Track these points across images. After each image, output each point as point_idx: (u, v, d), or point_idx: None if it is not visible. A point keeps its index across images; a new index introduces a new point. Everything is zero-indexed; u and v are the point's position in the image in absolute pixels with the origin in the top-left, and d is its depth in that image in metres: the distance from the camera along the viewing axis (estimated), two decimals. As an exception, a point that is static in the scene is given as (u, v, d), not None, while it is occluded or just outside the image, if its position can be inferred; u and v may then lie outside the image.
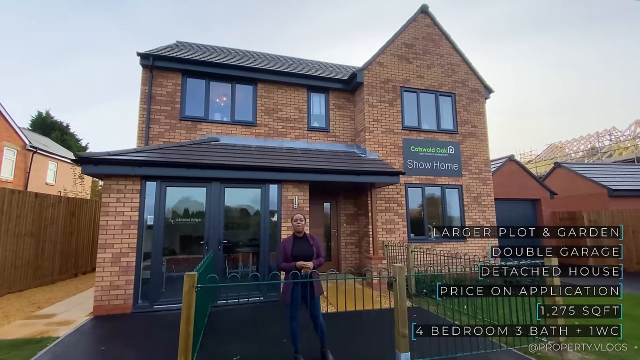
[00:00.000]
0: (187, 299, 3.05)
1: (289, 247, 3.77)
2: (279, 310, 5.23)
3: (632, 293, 7.01)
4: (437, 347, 3.73)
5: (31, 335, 4.43)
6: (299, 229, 3.89)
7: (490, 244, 9.07)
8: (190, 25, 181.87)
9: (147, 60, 7.68)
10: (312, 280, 3.70)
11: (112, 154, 5.80)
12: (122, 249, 5.67)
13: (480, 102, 9.85)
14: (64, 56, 73.48)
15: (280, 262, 3.74)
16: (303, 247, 3.85)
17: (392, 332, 3.52)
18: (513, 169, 11.80)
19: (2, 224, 6.76)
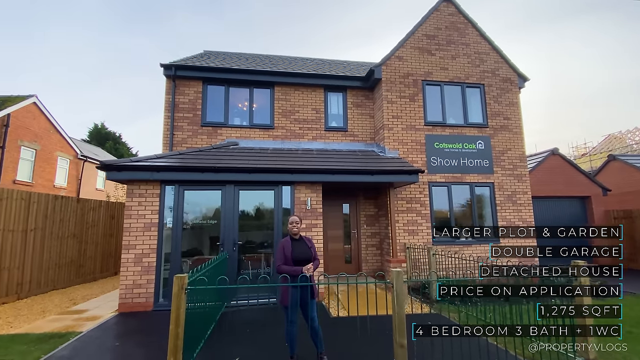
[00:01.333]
0: (177, 300, 3.10)
1: (289, 250, 3.69)
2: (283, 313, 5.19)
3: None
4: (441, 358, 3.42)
5: (58, 329, 4.81)
6: (294, 231, 3.81)
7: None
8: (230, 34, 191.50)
9: (170, 70, 8.08)
10: (312, 284, 3.62)
11: (133, 160, 6.15)
12: (143, 249, 5.98)
13: (513, 92, 9.06)
14: (115, 72, 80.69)
15: (280, 264, 3.64)
16: (302, 249, 3.77)
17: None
18: (557, 163, 10.71)
19: (47, 227, 7.48)
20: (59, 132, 14.35)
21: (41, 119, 13.40)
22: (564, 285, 3.61)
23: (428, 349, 3.82)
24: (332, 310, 5.80)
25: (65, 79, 77.77)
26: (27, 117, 12.65)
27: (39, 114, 13.31)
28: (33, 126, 12.95)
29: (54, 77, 79.98)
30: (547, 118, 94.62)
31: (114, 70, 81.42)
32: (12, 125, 11.80)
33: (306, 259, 3.71)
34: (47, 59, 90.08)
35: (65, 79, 77.88)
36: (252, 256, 6.45)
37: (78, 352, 4.03)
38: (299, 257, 3.68)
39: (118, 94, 67.49)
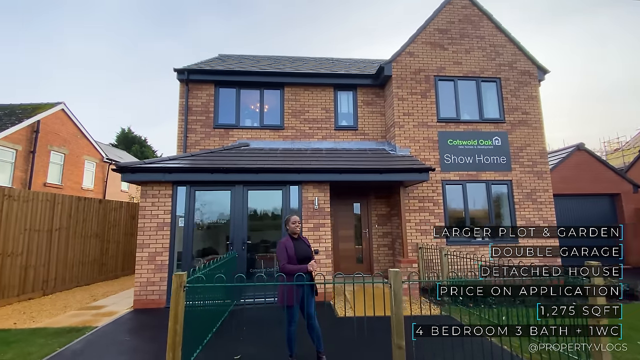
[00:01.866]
0: (175, 298, 3.17)
1: (292, 249, 3.69)
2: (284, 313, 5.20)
3: None
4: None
5: (76, 324, 5.05)
6: (296, 231, 3.82)
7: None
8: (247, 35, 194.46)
9: (183, 75, 8.32)
10: (314, 282, 3.63)
11: (146, 162, 6.37)
12: (156, 248, 6.18)
13: (532, 86, 8.65)
14: (143, 75, 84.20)
15: (284, 263, 3.61)
16: (303, 248, 3.79)
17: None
18: (583, 159, 10.13)
19: (71, 227, 7.88)
20: (86, 137, 15.11)
21: (69, 124, 14.17)
22: (576, 286, 3.42)
23: (429, 352, 3.72)
24: (339, 310, 5.77)
25: (98, 85, 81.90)
26: (56, 123, 13.41)
27: (67, 120, 14.07)
28: (62, 131, 13.72)
29: (87, 83, 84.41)
30: (576, 112, 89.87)
31: (142, 74, 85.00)
32: (41, 131, 12.55)
33: (307, 257, 3.74)
34: (79, 67, 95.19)
35: (97, 85, 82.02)
36: (260, 255, 6.52)
37: (90, 345, 4.22)
38: (301, 256, 3.70)
39: (145, 98, 70.40)
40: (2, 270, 6.21)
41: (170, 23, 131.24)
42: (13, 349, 4.05)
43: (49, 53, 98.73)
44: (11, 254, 6.41)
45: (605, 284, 3.35)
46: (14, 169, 11.62)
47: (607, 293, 3.30)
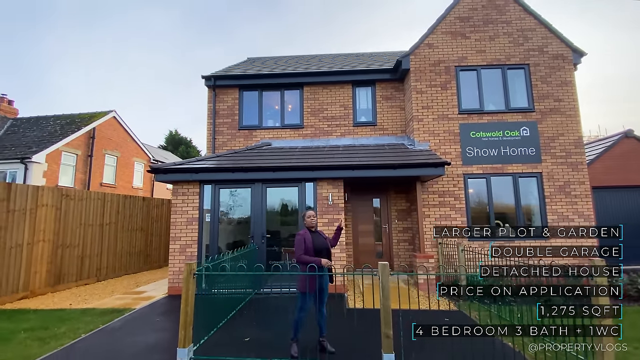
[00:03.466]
0: (186, 284, 3.63)
1: (310, 241, 3.92)
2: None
3: None
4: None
5: (118, 306, 5.83)
6: (313, 224, 4.11)
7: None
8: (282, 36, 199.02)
9: (210, 81, 8.95)
10: (331, 273, 3.86)
11: (177, 164, 7.05)
12: (187, 241, 6.84)
13: (566, 70, 8.04)
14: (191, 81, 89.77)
15: (301, 254, 3.82)
16: (320, 241, 4.03)
17: (406, 333, 3.36)
18: (631, 147, 9.19)
19: (119, 221, 8.92)
20: (135, 141, 16.70)
21: (120, 130, 15.77)
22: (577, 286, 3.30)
23: (417, 341, 3.80)
24: (350, 301, 5.97)
25: (151, 92, 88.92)
26: (108, 129, 15.02)
27: (118, 126, 15.68)
28: (113, 137, 15.33)
29: (141, 91, 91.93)
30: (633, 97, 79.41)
31: (189, 79, 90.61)
32: (97, 137, 14.15)
33: (325, 248, 4.00)
34: (135, 77, 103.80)
35: (150, 92, 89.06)
36: (279, 248, 6.91)
37: (127, 324, 4.90)
38: (319, 247, 3.94)
39: (192, 101, 75.06)
40: (62, 260, 7.28)
41: (212, 31, 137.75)
42: (66, 325, 4.83)
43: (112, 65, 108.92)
44: (70, 246, 7.48)
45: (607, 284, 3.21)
46: (75, 172, 13.27)
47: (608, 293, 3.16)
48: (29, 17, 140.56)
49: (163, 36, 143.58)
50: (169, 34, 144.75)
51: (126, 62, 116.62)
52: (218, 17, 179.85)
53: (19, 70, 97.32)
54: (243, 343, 4.12)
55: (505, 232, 7.61)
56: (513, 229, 7.61)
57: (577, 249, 3.76)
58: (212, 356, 3.69)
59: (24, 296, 6.48)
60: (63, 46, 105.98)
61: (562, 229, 3.79)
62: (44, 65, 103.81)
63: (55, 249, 7.15)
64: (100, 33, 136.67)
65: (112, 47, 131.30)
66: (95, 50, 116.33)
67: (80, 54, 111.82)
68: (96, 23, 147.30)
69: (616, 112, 68.59)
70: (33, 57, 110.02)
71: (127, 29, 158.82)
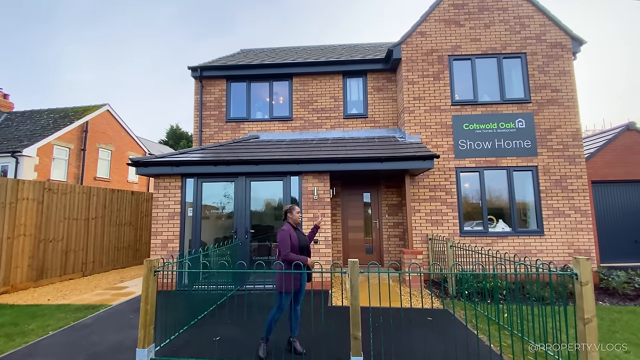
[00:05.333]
0: (146, 281, 3.45)
1: (295, 238, 3.72)
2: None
3: None
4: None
5: (95, 302, 5.70)
6: (298, 221, 3.90)
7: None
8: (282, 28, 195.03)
9: (196, 72, 8.72)
10: (310, 271, 3.62)
11: (158, 156, 6.86)
12: (168, 236, 6.68)
13: (564, 59, 7.68)
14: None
15: (288, 252, 3.60)
16: (302, 238, 3.85)
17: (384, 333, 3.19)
18: (633, 140, 8.82)
19: (106, 216, 8.79)
20: (130, 134, 16.57)
21: (114, 123, 15.63)
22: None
23: (387, 342, 3.62)
24: (335, 299, 5.78)
25: (154, 87, 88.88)
26: (102, 123, 14.88)
27: (112, 120, 15.53)
28: (108, 130, 15.19)
29: (144, 88, 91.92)
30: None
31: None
32: (90, 131, 14.02)
33: (307, 246, 3.84)
34: (136, 75, 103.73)
35: (154, 87, 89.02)
36: (262, 243, 6.73)
37: (99, 321, 4.75)
38: (302, 245, 3.78)
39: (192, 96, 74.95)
40: (45, 254, 7.16)
41: (216, 25, 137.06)
42: (36, 321, 4.71)
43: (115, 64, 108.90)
44: (53, 240, 7.36)
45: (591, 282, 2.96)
46: (68, 165, 13.17)
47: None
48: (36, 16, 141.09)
49: (166, 31, 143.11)
50: (172, 29, 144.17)
51: (131, 58, 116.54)
52: (222, 12, 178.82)
53: (26, 65, 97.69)
54: (211, 342, 3.95)
55: (499, 228, 7.41)
56: (506, 225, 7.41)
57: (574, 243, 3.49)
58: (174, 357, 3.52)
59: (5, 291, 6.38)
60: (71, 43, 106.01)
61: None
62: (53, 62, 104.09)
63: (38, 243, 7.04)
64: (105, 30, 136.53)
65: (117, 44, 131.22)
66: (101, 47, 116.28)
67: (87, 51, 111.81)
68: (100, 20, 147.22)
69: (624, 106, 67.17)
70: (42, 53, 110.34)
71: (130, 26, 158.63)
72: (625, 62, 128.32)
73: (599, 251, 8.17)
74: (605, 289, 6.55)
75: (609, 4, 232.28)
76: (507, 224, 7.38)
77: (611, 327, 4.60)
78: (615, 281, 6.38)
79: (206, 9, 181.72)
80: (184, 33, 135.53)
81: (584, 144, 9.54)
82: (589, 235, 7.16)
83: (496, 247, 7.14)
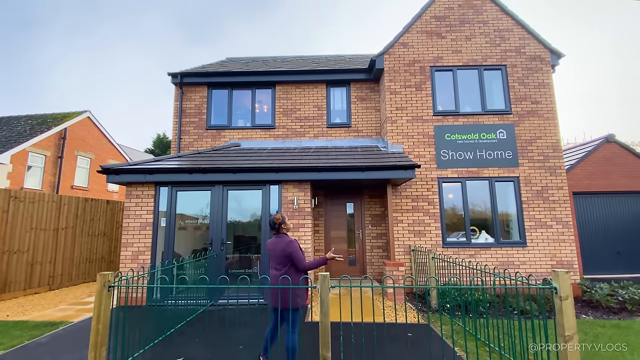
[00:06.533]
0: (99, 298, 3.17)
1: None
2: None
3: None
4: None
5: (57, 318, 5.32)
6: (291, 228, 3.73)
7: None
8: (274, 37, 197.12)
9: (176, 78, 8.54)
10: (275, 286, 3.29)
11: (131, 164, 6.58)
12: (139, 247, 6.36)
13: (543, 72, 7.80)
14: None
15: (304, 262, 3.39)
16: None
17: (357, 351, 2.96)
18: (613, 152, 8.95)
19: (77, 226, 8.38)
20: (111, 142, 16.16)
21: (95, 131, 15.22)
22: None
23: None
24: (314, 314, 5.53)
25: (142, 98, 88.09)
26: (82, 130, 14.47)
27: (93, 127, 15.13)
28: (87, 138, 14.77)
29: (132, 97, 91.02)
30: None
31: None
32: (68, 138, 13.59)
33: None
34: (125, 82, 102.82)
35: (141, 98, 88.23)
36: (239, 256, 6.47)
37: (55, 339, 4.40)
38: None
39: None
40: (8, 267, 6.73)
41: (205, 34, 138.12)
42: (-15, 340, 4.32)
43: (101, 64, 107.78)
44: (17, 251, 6.93)
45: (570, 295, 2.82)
46: (43, 173, 12.68)
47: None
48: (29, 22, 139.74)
49: (156, 40, 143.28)
50: (162, 38, 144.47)
51: (120, 66, 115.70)
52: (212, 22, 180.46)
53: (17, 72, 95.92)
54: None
55: (481, 239, 7.32)
56: (489, 236, 7.33)
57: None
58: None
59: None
60: (62, 50, 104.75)
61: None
62: (43, 68, 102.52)
63: (0, 254, 6.61)
64: (95, 38, 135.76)
65: (106, 51, 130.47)
66: (90, 54, 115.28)
67: (78, 58, 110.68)
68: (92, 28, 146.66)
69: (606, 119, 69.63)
70: (33, 59, 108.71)
71: (120, 34, 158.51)
72: (617, 76, 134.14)
73: (582, 262, 8.15)
74: (589, 302, 6.47)
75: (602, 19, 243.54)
76: (490, 235, 7.30)
77: (595, 343, 4.47)
78: (599, 294, 6.31)
79: (199, 19, 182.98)
80: (176, 40, 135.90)
81: (564, 155, 9.64)
82: (572, 247, 7.12)
83: (479, 258, 7.04)
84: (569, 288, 2.83)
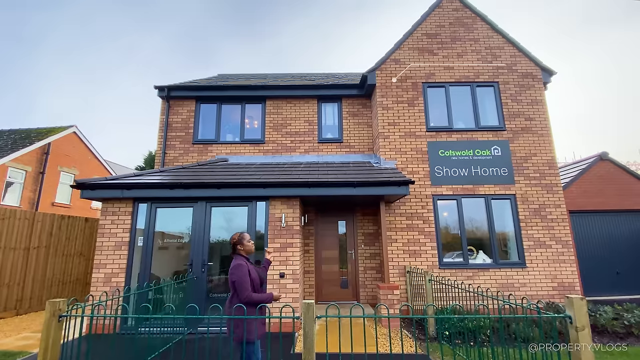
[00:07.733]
0: (47, 329, 2.74)
1: (254, 273, 3.12)
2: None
3: None
4: None
5: (15, 348, 4.77)
6: (252, 250, 3.32)
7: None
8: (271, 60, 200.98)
9: (163, 92, 8.30)
10: (257, 317, 2.93)
11: (108, 178, 6.20)
12: (113, 269, 5.87)
13: (536, 89, 7.76)
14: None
15: (250, 292, 2.97)
16: (260, 271, 3.27)
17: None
18: (607, 170, 8.85)
19: (52, 245, 7.84)
20: (97, 159, 15.71)
21: (80, 146, 14.81)
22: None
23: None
24: (300, 342, 5.05)
25: (140, 117, 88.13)
26: (67, 145, 14.04)
27: (79, 142, 14.72)
28: (72, 153, 14.32)
29: (124, 116, 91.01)
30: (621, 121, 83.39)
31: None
32: (52, 153, 13.13)
33: (264, 282, 3.30)
34: (115, 101, 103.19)
35: (140, 117, 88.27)
36: (223, 277, 6.00)
37: (2, 378, 3.85)
38: (262, 279, 3.21)
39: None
40: (-32, 290, 6.15)
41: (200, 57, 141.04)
42: None
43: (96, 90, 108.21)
44: (-20, 273, 6.37)
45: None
46: (22, 189, 12.13)
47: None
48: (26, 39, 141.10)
49: (153, 59, 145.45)
50: (158, 57, 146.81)
51: (117, 85, 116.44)
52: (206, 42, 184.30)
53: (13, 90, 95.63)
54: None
55: (479, 259, 6.98)
56: (487, 256, 7.01)
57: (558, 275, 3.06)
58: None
59: None
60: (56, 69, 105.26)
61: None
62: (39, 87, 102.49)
63: (-40, 277, 6.06)
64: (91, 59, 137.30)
65: (101, 72, 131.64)
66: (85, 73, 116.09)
67: (71, 77, 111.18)
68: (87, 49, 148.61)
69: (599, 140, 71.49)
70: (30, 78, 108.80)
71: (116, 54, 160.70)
72: (615, 97, 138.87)
73: (582, 284, 7.83)
74: (594, 327, 6.09)
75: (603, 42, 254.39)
76: (487, 255, 6.98)
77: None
78: (604, 317, 5.95)
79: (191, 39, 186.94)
80: (172, 60, 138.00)
81: (559, 174, 9.51)
82: (572, 267, 6.83)
83: (477, 280, 6.68)
84: (586, 317, 2.50)
